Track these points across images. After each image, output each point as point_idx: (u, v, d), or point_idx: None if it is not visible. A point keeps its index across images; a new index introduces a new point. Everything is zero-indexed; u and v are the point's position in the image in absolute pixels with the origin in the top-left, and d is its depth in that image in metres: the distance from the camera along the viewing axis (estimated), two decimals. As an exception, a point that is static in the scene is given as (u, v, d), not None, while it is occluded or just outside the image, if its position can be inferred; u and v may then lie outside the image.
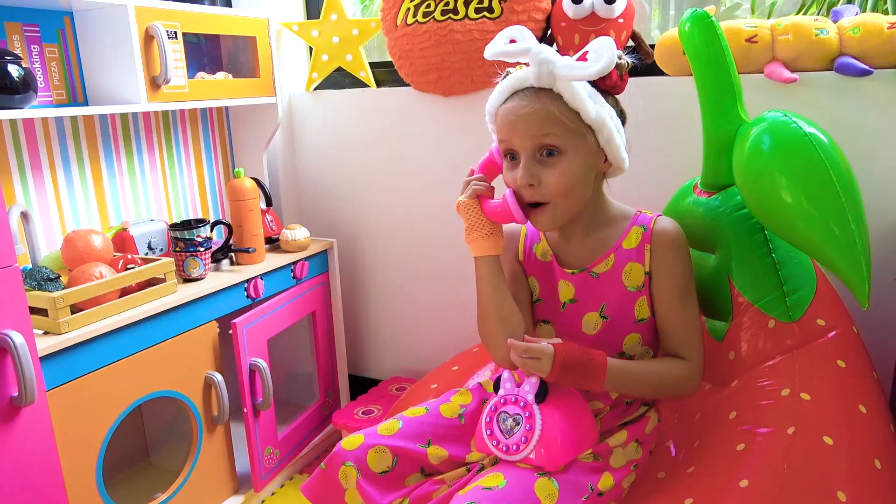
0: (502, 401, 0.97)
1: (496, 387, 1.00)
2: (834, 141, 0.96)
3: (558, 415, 0.93)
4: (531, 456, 0.92)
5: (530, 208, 0.98)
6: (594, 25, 1.48)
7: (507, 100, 0.98)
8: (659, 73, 1.48)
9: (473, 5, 1.55)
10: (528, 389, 0.95)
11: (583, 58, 0.93)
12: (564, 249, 1.06)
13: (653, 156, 1.51)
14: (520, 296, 1.08)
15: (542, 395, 0.95)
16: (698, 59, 1.11)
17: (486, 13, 1.54)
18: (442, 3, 1.57)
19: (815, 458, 0.90)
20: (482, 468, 0.98)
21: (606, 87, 0.97)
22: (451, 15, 1.56)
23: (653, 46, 1.50)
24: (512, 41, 0.97)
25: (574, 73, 0.91)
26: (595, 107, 0.94)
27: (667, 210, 1.30)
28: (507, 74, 1.00)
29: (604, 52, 0.90)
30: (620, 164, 1.00)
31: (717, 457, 0.97)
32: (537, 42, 0.95)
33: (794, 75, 1.30)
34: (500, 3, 1.53)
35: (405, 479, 1.01)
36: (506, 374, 0.99)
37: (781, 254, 1.08)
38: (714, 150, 1.14)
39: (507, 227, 1.07)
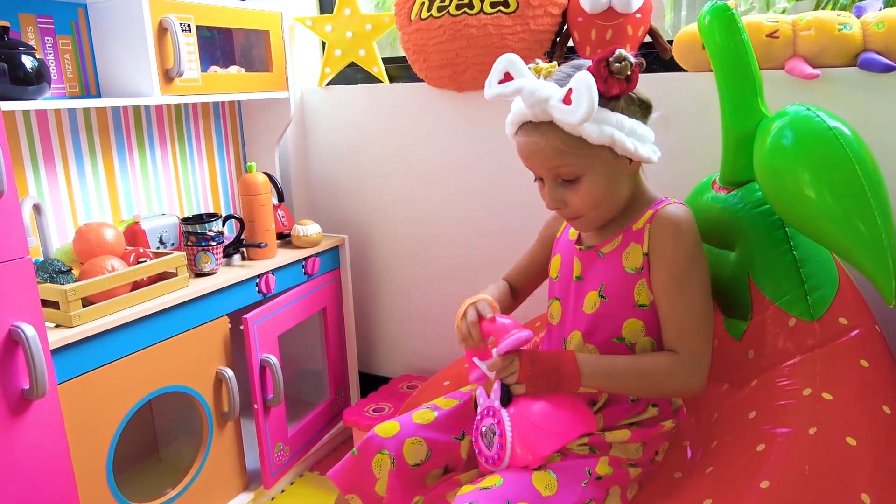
0: (479, 417, 0.97)
1: (475, 406, 1.00)
2: (859, 135, 0.94)
3: (526, 409, 0.92)
4: (511, 459, 0.91)
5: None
6: (611, 20, 1.46)
7: (517, 131, 0.98)
8: (677, 68, 1.45)
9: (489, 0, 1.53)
10: (494, 396, 0.95)
11: (568, 96, 0.88)
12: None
13: (670, 152, 1.47)
14: (533, 263, 1.17)
15: (506, 398, 0.93)
16: (718, 53, 1.09)
17: (501, 7, 1.52)
18: (457, -2, 1.56)
19: (838, 459, 0.88)
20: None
21: (614, 95, 0.92)
22: (465, 9, 1.55)
23: (671, 42, 1.48)
24: (506, 74, 0.95)
25: (560, 119, 0.89)
26: (598, 128, 0.90)
27: None
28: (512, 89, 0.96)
29: (583, 98, 0.86)
30: (648, 160, 0.97)
31: (736, 457, 0.95)
32: (529, 74, 0.94)
33: (817, 71, 1.27)
34: (515, -2, 1.52)
35: (426, 476, 1.01)
36: (479, 391, 0.99)
37: (802, 251, 1.06)
38: (734, 146, 1.12)
39: None
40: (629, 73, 0.90)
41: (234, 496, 1.51)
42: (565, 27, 1.56)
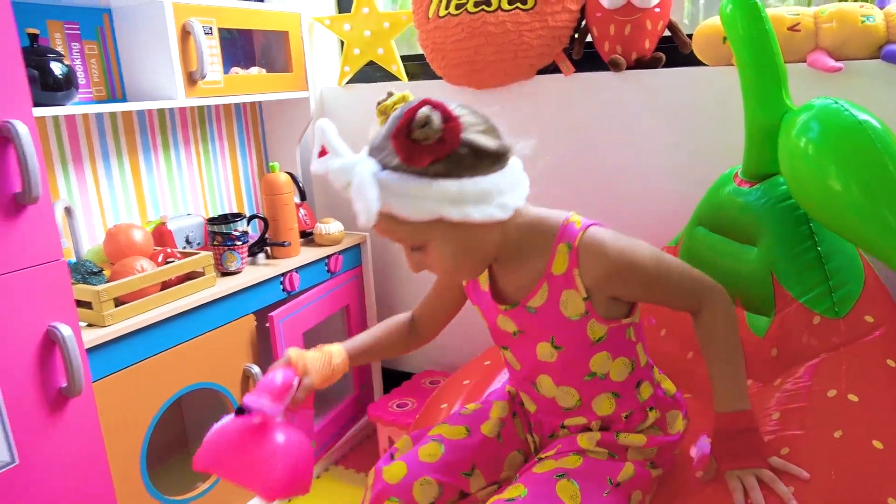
0: None
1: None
2: (888, 128, 0.93)
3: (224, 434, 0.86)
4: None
5: None
6: (630, 15, 1.45)
7: None
8: (697, 63, 1.45)
9: (507, -4, 1.53)
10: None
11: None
12: (499, 281, 0.95)
13: (689, 148, 1.49)
14: (438, 304, 1.07)
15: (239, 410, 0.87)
16: (740, 43, 1.09)
17: (519, 4, 1.53)
18: (475, -5, 1.56)
19: (865, 463, 0.87)
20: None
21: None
22: (483, 7, 1.55)
23: (690, 36, 1.47)
24: (323, 147, 0.83)
25: (360, 220, 0.78)
26: (417, 205, 0.78)
27: (704, 201, 1.27)
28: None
29: (358, 205, 0.76)
30: (489, 221, 0.81)
31: None
32: (340, 149, 0.81)
33: (839, 64, 1.26)
34: (533, -6, 1.52)
35: None
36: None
37: (827, 247, 1.06)
38: (757, 139, 1.11)
39: None
40: (441, 135, 0.76)
41: (262, 490, 1.54)
42: (583, 23, 1.56)
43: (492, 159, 0.82)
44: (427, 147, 0.76)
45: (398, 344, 1.09)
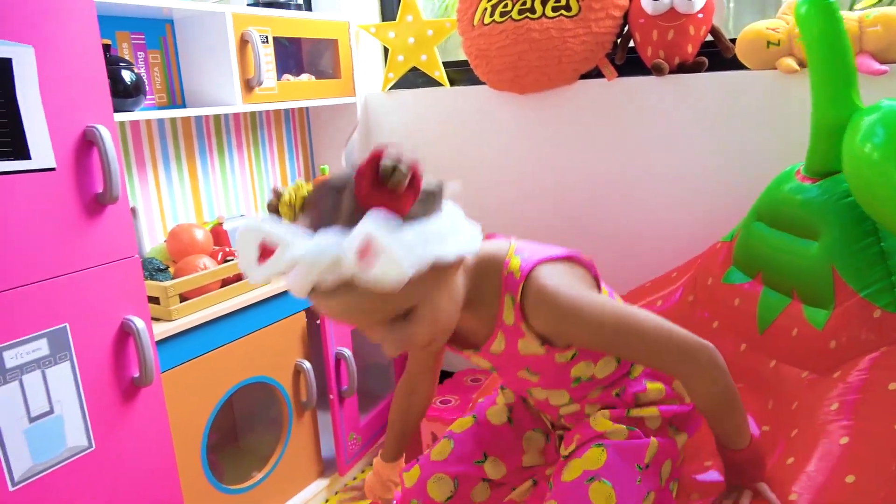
0: None
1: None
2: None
3: None
4: None
5: None
6: (673, 21, 1.48)
7: (308, 294, 0.74)
8: (740, 67, 1.47)
9: (551, 4, 1.57)
10: None
11: (365, 252, 0.67)
12: (459, 328, 0.91)
13: (732, 150, 1.51)
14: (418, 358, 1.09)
15: None
16: (815, 43, 1.10)
17: (563, 11, 1.56)
18: (519, 3, 1.61)
19: None
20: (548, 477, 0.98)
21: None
22: (528, 14, 1.59)
23: (733, 41, 1.50)
24: (263, 246, 0.71)
25: (374, 287, 0.68)
26: (414, 259, 0.68)
27: (763, 197, 1.26)
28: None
29: (387, 266, 0.66)
30: (473, 250, 0.79)
31: (819, 450, 0.94)
32: (291, 237, 0.70)
33: (884, 67, 1.28)
34: (577, 1, 1.56)
35: (471, 494, 1.01)
36: None
37: (890, 243, 1.06)
38: (824, 136, 1.12)
39: None
40: (410, 177, 0.70)
41: (311, 482, 1.60)
42: (626, 28, 1.59)
43: (441, 194, 0.77)
44: (404, 195, 0.70)
45: (417, 414, 1.13)
